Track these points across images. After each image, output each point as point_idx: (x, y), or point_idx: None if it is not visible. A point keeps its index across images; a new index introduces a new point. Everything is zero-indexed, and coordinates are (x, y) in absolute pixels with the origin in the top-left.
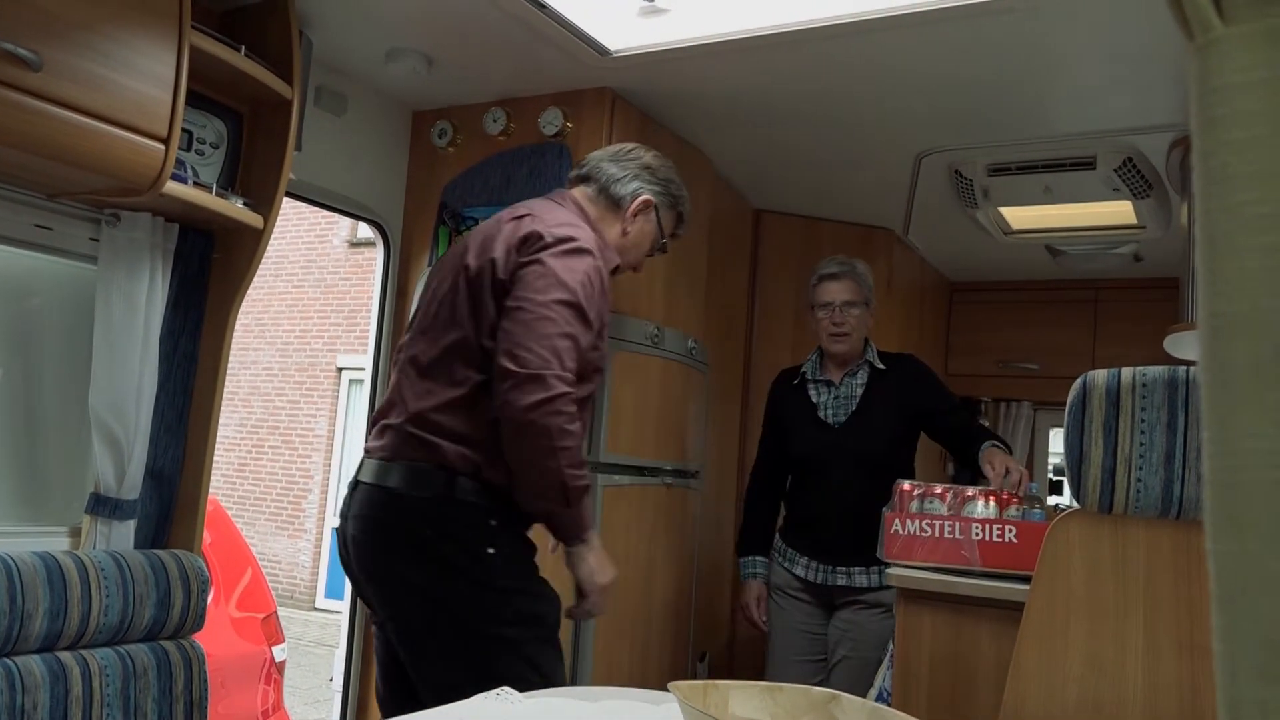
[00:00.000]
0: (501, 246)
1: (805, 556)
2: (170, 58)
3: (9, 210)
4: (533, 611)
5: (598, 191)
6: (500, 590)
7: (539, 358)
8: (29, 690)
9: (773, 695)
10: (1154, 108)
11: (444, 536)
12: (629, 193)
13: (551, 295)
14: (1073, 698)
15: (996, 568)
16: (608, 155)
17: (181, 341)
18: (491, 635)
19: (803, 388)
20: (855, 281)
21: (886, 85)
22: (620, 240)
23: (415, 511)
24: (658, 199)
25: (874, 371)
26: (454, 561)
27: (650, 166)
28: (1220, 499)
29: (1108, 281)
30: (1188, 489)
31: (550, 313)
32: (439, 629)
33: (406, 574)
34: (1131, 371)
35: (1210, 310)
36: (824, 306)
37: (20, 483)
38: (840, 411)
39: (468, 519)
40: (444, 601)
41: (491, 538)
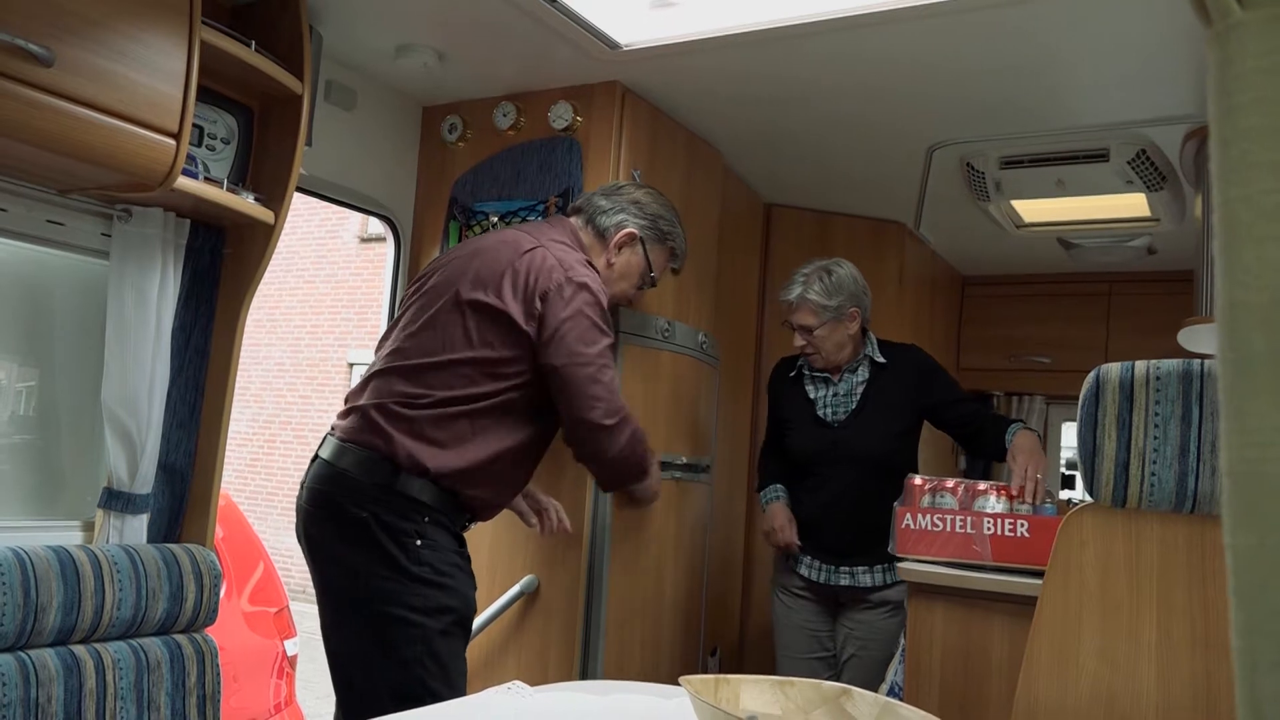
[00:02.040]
0: (514, 283)
1: (808, 556)
2: (181, 53)
3: (22, 206)
4: (442, 604)
5: (586, 222)
6: (416, 579)
7: (612, 406)
8: (43, 683)
9: (784, 690)
10: (1168, 99)
11: (377, 521)
12: (613, 224)
13: (598, 345)
14: (1086, 692)
15: (1008, 562)
16: (600, 190)
17: (193, 336)
18: (397, 618)
19: (799, 381)
20: (806, 307)
21: (898, 78)
22: (605, 272)
23: (357, 494)
24: (643, 232)
25: (874, 366)
26: (380, 545)
27: (638, 201)
28: (1239, 491)
29: (1121, 275)
30: (1202, 483)
31: (603, 360)
32: (355, 604)
33: (336, 547)
34: (1145, 365)
35: (1229, 299)
36: (791, 328)
37: (34, 477)
38: (839, 409)
39: (402, 510)
40: (363, 578)
41: (420, 531)
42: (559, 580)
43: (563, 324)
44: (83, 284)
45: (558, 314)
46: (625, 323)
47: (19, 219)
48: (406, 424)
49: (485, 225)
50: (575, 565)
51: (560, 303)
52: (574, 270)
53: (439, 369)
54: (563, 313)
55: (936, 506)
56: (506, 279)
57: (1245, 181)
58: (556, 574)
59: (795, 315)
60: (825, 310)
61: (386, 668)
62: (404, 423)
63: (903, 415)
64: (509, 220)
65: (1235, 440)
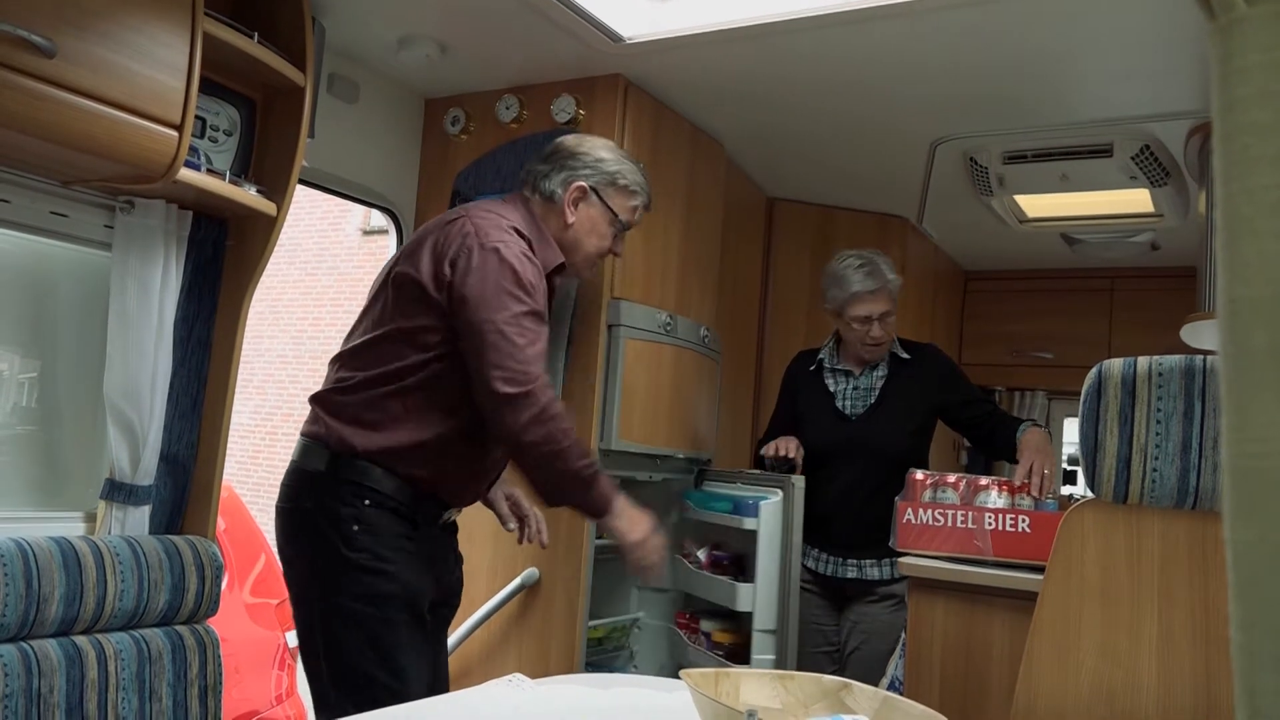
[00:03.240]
0: (430, 252)
1: (815, 549)
2: (183, 45)
3: (25, 197)
4: (382, 590)
5: (532, 191)
6: (354, 566)
7: (514, 373)
8: (45, 674)
9: (784, 683)
10: (1172, 94)
11: (320, 510)
12: (558, 184)
13: (508, 310)
14: (1086, 687)
15: (1009, 557)
16: (537, 155)
17: (196, 328)
18: (336, 606)
19: (819, 375)
20: (888, 291)
21: (901, 72)
22: (565, 234)
23: (303, 484)
24: (590, 181)
25: (895, 362)
26: (322, 533)
27: (576, 154)
28: (1239, 486)
29: (1124, 270)
30: (1204, 479)
31: (511, 326)
32: (301, 597)
33: (287, 542)
34: (1148, 360)
35: (1230, 295)
36: (861, 320)
37: (36, 468)
38: (859, 403)
39: (342, 496)
40: (306, 569)
41: (359, 517)
42: (560, 573)
43: (468, 287)
44: (85, 275)
45: (463, 278)
46: (626, 317)
47: (22, 210)
48: (340, 408)
49: None
50: (576, 558)
51: (466, 267)
52: (488, 235)
53: (367, 348)
54: (469, 277)
55: (938, 501)
56: (425, 249)
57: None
58: (557, 567)
59: (874, 304)
60: (896, 292)
61: (330, 658)
62: (338, 408)
63: (919, 412)
64: None
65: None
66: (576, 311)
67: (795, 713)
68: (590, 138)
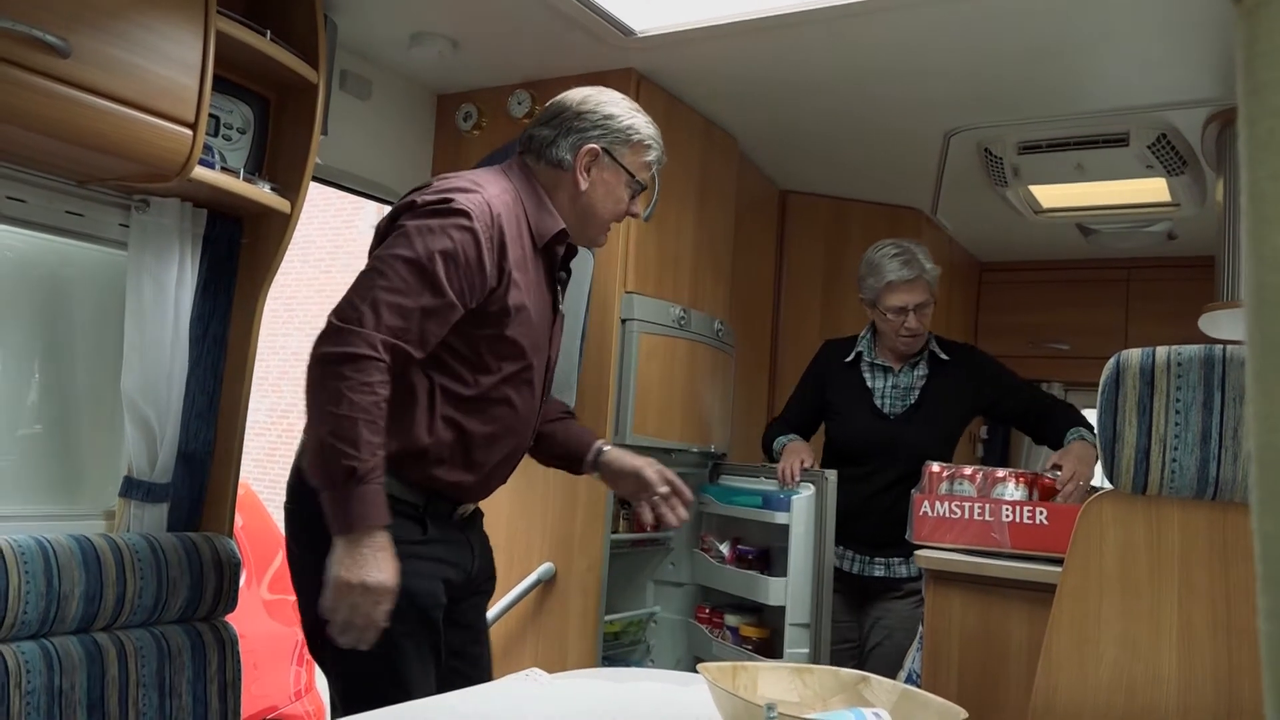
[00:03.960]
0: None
1: (840, 546)
2: (197, 43)
3: (41, 197)
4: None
5: (537, 159)
6: None
7: (354, 311)
8: (66, 671)
9: (802, 677)
10: (1189, 82)
11: (319, 514)
12: (567, 149)
13: (392, 250)
14: (1106, 679)
15: (1027, 549)
16: (538, 119)
17: (211, 326)
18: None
19: (856, 368)
20: (925, 281)
21: (915, 62)
22: (580, 201)
23: (302, 488)
24: (603, 142)
25: (935, 362)
26: (323, 539)
27: (581, 113)
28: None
29: (1141, 261)
30: (1224, 469)
31: (382, 266)
32: (309, 601)
33: (293, 541)
34: (1166, 350)
35: (1256, 282)
36: (895, 311)
37: (55, 467)
38: (899, 403)
39: None
40: (311, 574)
41: None
42: (576, 568)
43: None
44: (102, 274)
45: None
46: (640, 311)
47: (38, 210)
48: None
49: None
50: (592, 553)
51: (400, 214)
52: (442, 192)
53: None
54: (394, 229)
55: (954, 494)
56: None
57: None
58: (573, 561)
59: (910, 294)
60: (934, 282)
61: (334, 666)
62: None
63: (958, 415)
64: None
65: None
66: (590, 306)
67: (813, 706)
68: (594, 92)
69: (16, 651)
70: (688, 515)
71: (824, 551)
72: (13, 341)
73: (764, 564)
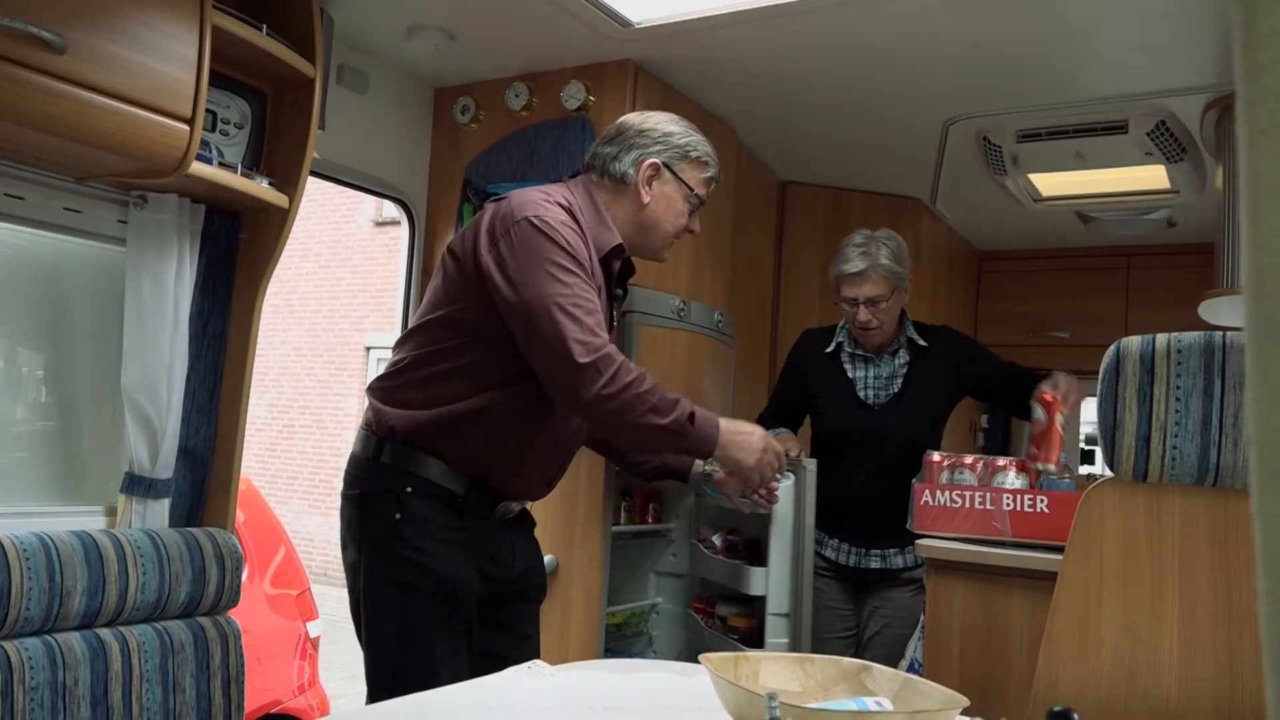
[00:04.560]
0: (470, 231)
1: (835, 539)
2: (192, 38)
3: (39, 194)
4: (414, 582)
5: (600, 175)
6: (394, 554)
7: (588, 344)
8: (70, 666)
9: (804, 666)
10: (1188, 68)
11: (365, 495)
12: (630, 164)
13: (562, 282)
14: (1107, 666)
15: (1028, 538)
16: (602, 138)
17: (211, 321)
18: (377, 594)
19: (836, 359)
20: (879, 275)
21: (912, 51)
22: (642, 216)
23: (353, 470)
24: (664, 157)
25: (915, 349)
26: (364, 522)
27: (644, 130)
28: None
29: (1140, 248)
30: (1225, 455)
31: (571, 297)
32: (353, 583)
33: (346, 528)
34: (1166, 337)
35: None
36: (848, 302)
37: (57, 464)
38: (881, 392)
39: (386, 482)
40: (356, 555)
41: (400, 504)
42: (578, 560)
43: (510, 268)
44: (101, 271)
45: (505, 257)
46: (639, 303)
47: (36, 207)
48: (387, 393)
49: None
50: (594, 545)
51: (509, 247)
52: (522, 208)
53: (417, 330)
54: (511, 257)
55: (955, 483)
56: (471, 229)
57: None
58: (575, 554)
59: (863, 287)
60: (895, 278)
61: (368, 646)
62: (385, 392)
63: (941, 399)
64: None
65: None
66: None
67: (815, 695)
68: (654, 113)
69: (19, 648)
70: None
71: (804, 541)
72: (12, 338)
73: (752, 554)
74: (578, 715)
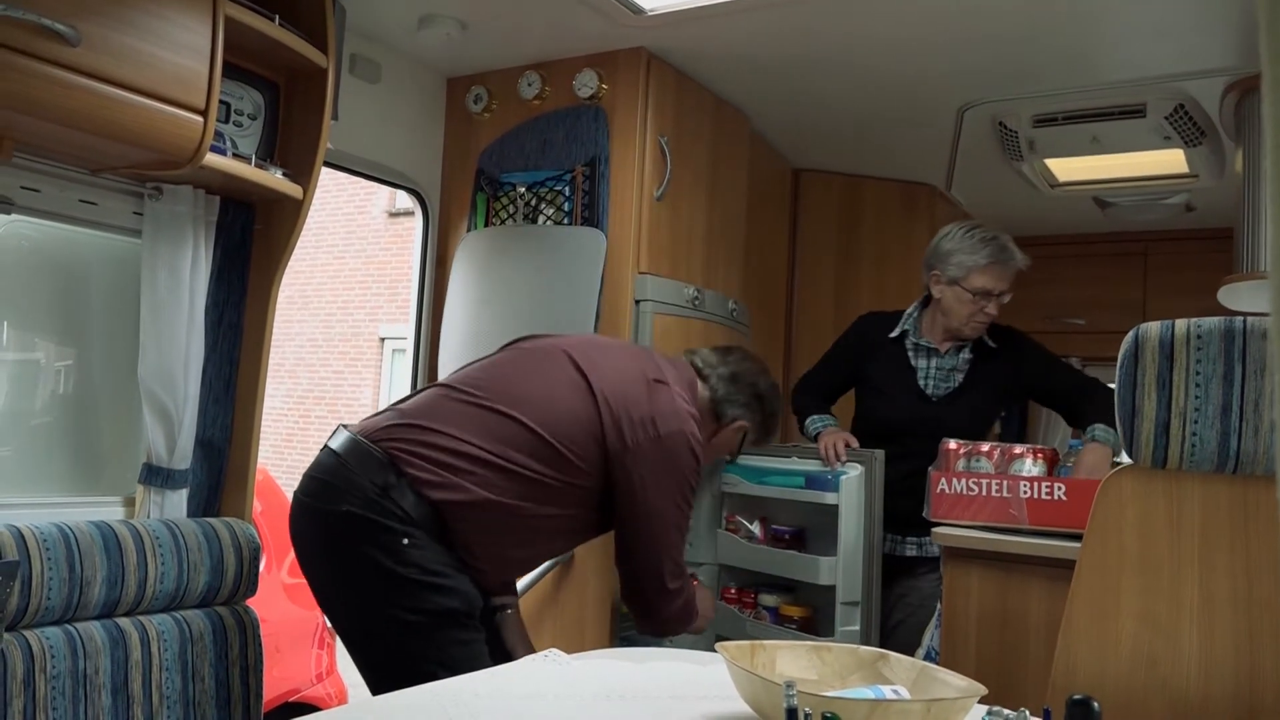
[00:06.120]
0: (636, 414)
1: None
2: (205, 29)
3: (54, 186)
4: (441, 605)
5: (710, 397)
6: (407, 581)
7: (680, 570)
8: (90, 655)
9: (820, 655)
10: (1207, 51)
11: (365, 521)
12: (733, 415)
13: (683, 508)
14: (1126, 654)
15: (1046, 525)
16: (728, 371)
17: (226, 312)
18: (398, 620)
19: (899, 345)
20: (1016, 270)
21: (927, 36)
22: (716, 445)
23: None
24: (753, 429)
25: (980, 346)
26: (368, 542)
27: (761, 397)
28: None
29: (1158, 233)
30: (1245, 442)
31: (685, 521)
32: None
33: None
34: (1186, 323)
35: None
36: (981, 293)
37: (76, 455)
38: (941, 385)
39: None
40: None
41: (409, 532)
42: (592, 550)
43: (650, 466)
44: (117, 262)
45: (657, 458)
46: (653, 291)
47: (52, 199)
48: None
49: (513, 197)
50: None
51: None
52: (680, 419)
53: (501, 423)
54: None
55: (972, 470)
56: (629, 395)
57: None
58: (591, 544)
59: (1001, 280)
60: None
61: (390, 667)
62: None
63: (999, 398)
64: (536, 190)
65: None
66: (604, 288)
67: (832, 684)
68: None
69: (41, 637)
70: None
71: (874, 530)
72: (30, 331)
73: (800, 544)
74: (594, 703)
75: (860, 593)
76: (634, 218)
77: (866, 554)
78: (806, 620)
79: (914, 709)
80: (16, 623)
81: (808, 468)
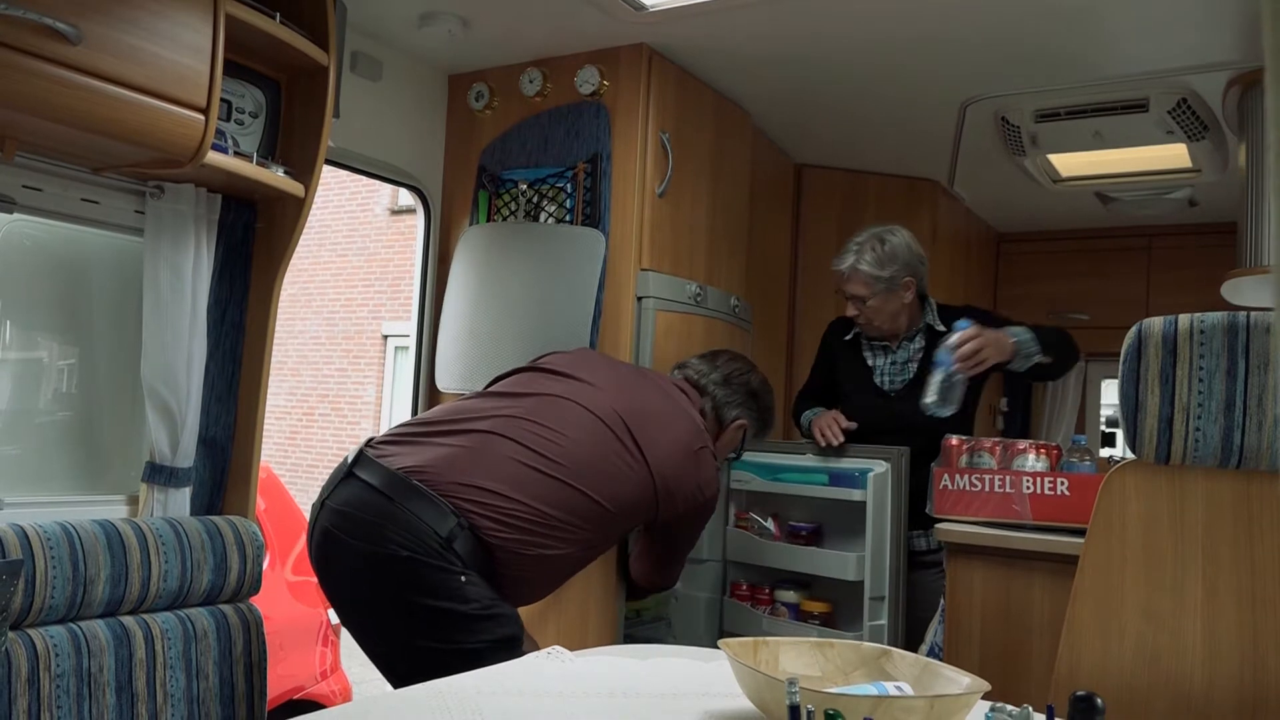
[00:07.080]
0: (688, 489)
1: None
2: (206, 27)
3: (56, 185)
4: (503, 634)
5: (711, 407)
6: (470, 616)
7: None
8: (94, 653)
9: (823, 651)
10: (1209, 45)
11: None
12: (733, 416)
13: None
14: (1130, 650)
15: (1049, 521)
16: (719, 375)
17: (229, 311)
18: (462, 649)
19: (857, 346)
20: (858, 278)
21: (930, 31)
22: (720, 447)
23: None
24: (751, 424)
25: (931, 334)
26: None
27: (754, 394)
28: None
29: (1161, 228)
30: (1249, 437)
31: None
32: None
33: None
34: (1189, 318)
35: None
36: (843, 295)
37: (79, 453)
38: (896, 379)
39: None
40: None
41: (465, 570)
42: None
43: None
44: (119, 261)
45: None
46: (656, 288)
47: (54, 198)
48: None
49: (514, 194)
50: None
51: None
52: (714, 485)
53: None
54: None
55: (974, 466)
56: (682, 476)
57: None
58: None
59: (847, 285)
60: (877, 281)
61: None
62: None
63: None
64: (538, 187)
65: None
66: (606, 285)
67: (835, 680)
68: (761, 377)
69: (45, 635)
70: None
71: (901, 525)
72: (33, 330)
73: (818, 540)
74: (598, 700)
75: (887, 587)
76: (636, 214)
77: (894, 549)
78: (828, 616)
79: (917, 705)
80: (21, 621)
81: (829, 465)
